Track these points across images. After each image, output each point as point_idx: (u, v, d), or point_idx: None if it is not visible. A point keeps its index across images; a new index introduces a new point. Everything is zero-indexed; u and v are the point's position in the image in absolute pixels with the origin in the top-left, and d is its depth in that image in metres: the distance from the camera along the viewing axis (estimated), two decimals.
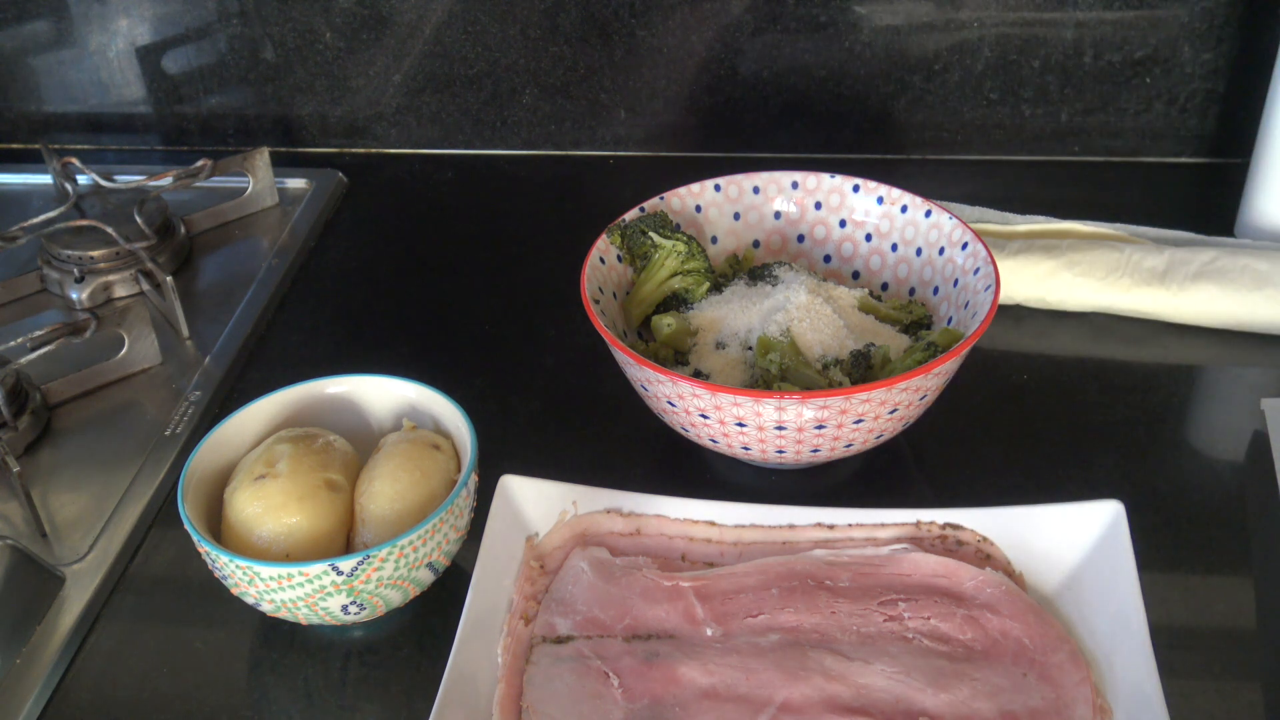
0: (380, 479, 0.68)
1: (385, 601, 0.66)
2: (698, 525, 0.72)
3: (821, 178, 0.87)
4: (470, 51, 1.13)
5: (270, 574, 0.62)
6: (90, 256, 0.99)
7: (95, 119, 1.22)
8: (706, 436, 0.73)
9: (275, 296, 0.99)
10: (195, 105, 1.20)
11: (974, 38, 1.06)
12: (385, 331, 0.96)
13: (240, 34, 1.15)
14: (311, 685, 0.68)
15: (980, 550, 0.69)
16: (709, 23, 1.09)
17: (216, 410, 0.87)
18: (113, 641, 0.71)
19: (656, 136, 1.16)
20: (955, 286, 0.80)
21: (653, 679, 0.63)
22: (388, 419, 0.75)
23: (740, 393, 0.67)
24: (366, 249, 1.07)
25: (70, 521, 0.78)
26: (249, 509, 0.66)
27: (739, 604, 0.66)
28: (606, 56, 1.12)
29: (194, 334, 0.95)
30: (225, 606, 0.71)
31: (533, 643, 0.66)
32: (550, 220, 1.09)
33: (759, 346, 0.75)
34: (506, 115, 1.16)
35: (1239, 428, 0.80)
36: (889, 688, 0.61)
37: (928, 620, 0.65)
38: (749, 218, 0.88)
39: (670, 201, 0.86)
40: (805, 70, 1.10)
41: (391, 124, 1.18)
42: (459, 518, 0.67)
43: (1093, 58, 1.06)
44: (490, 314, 0.97)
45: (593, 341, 0.76)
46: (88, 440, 0.85)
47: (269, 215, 1.10)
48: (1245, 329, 0.87)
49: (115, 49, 1.17)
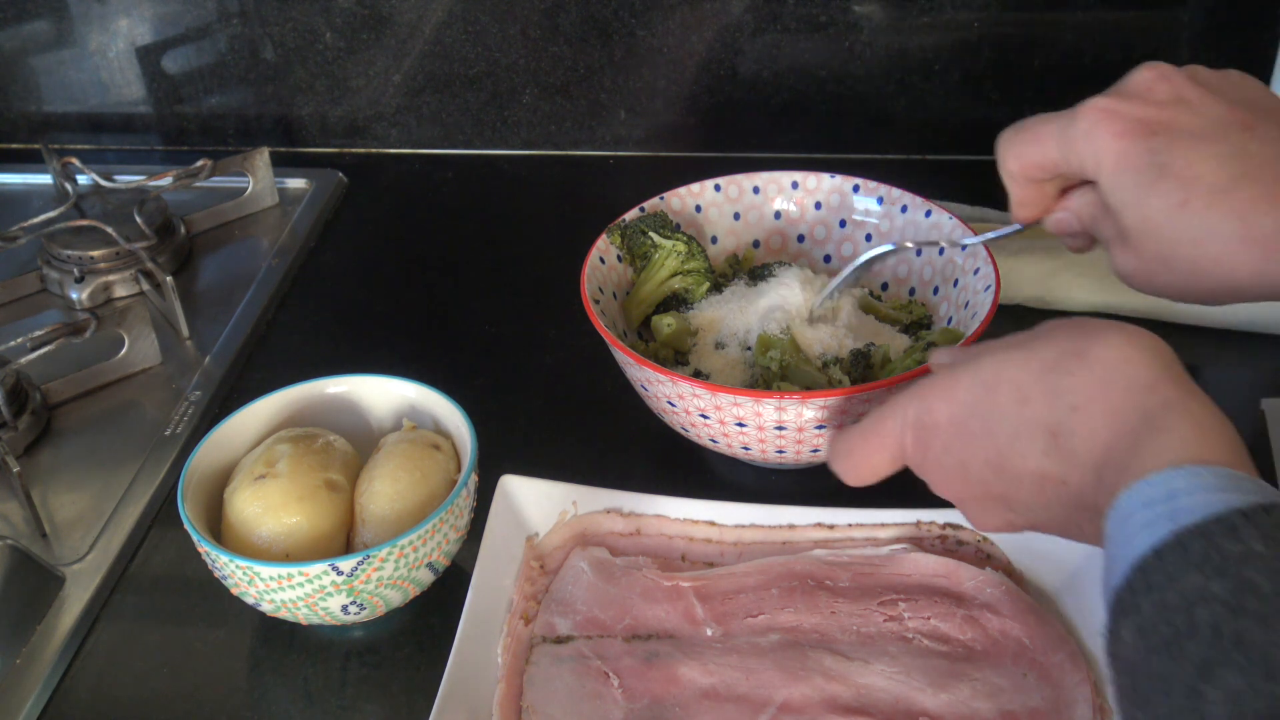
0: (380, 479, 0.68)
1: (385, 601, 0.66)
2: (698, 525, 0.72)
3: (821, 178, 0.87)
4: (470, 51, 1.13)
5: (270, 574, 0.62)
6: (90, 256, 0.99)
7: (95, 119, 1.22)
8: (706, 436, 0.73)
9: (275, 296, 0.99)
10: (195, 105, 1.20)
11: (974, 38, 1.06)
12: (385, 331, 0.96)
13: (240, 34, 1.15)
14: (311, 685, 0.68)
15: (980, 550, 0.69)
16: (709, 23, 1.09)
17: (216, 410, 0.87)
18: (113, 641, 0.71)
19: (656, 136, 1.16)
20: (955, 286, 0.80)
21: (653, 679, 0.63)
22: (388, 419, 0.75)
23: (740, 392, 0.67)
24: (366, 249, 1.07)
25: (70, 521, 0.78)
26: (249, 509, 0.66)
27: (739, 604, 0.66)
28: (606, 56, 1.12)
29: (194, 334, 0.95)
30: (225, 606, 0.71)
31: (533, 643, 0.66)
32: (550, 220, 1.09)
33: (759, 344, 0.75)
34: (506, 115, 1.16)
35: (1239, 428, 0.80)
36: (889, 688, 0.61)
37: (928, 620, 0.65)
38: (749, 217, 0.88)
39: (670, 201, 0.86)
40: (805, 70, 1.10)
41: (391, 124, 1.18)
42: (459, 518, 0.67)
43: (1093, 58, 1.06)
44: (490, 314, 0.97)
45: (593, 341, 0.76)
46: (88, 440, 0.85)
47: (269, 215, 1.10)
48: (1245, 329, 0.87)
49: (115, 49, 1.17)
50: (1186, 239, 0.54)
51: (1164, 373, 0.50)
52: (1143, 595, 0.42)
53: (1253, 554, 0.40)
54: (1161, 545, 0.42)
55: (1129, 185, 0.55)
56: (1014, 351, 0.54)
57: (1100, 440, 0.49)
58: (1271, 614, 0.39)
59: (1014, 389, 0.53)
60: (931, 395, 0.56)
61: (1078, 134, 0.57)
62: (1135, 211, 0.56)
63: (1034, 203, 0.62)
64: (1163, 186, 0.54)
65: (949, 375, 0.56)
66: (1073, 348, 0.52)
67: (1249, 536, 0.41)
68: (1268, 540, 0.41)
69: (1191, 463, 0.45)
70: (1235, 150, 0.54)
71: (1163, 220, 0.55)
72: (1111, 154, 0.56)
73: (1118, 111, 0.56)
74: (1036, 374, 0.52)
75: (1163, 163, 0.54)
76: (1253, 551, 0.41)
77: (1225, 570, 0.40)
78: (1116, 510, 0.46)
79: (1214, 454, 0.46)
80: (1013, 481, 0.53)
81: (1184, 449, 0.46)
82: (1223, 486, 0.43)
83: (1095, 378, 0.50)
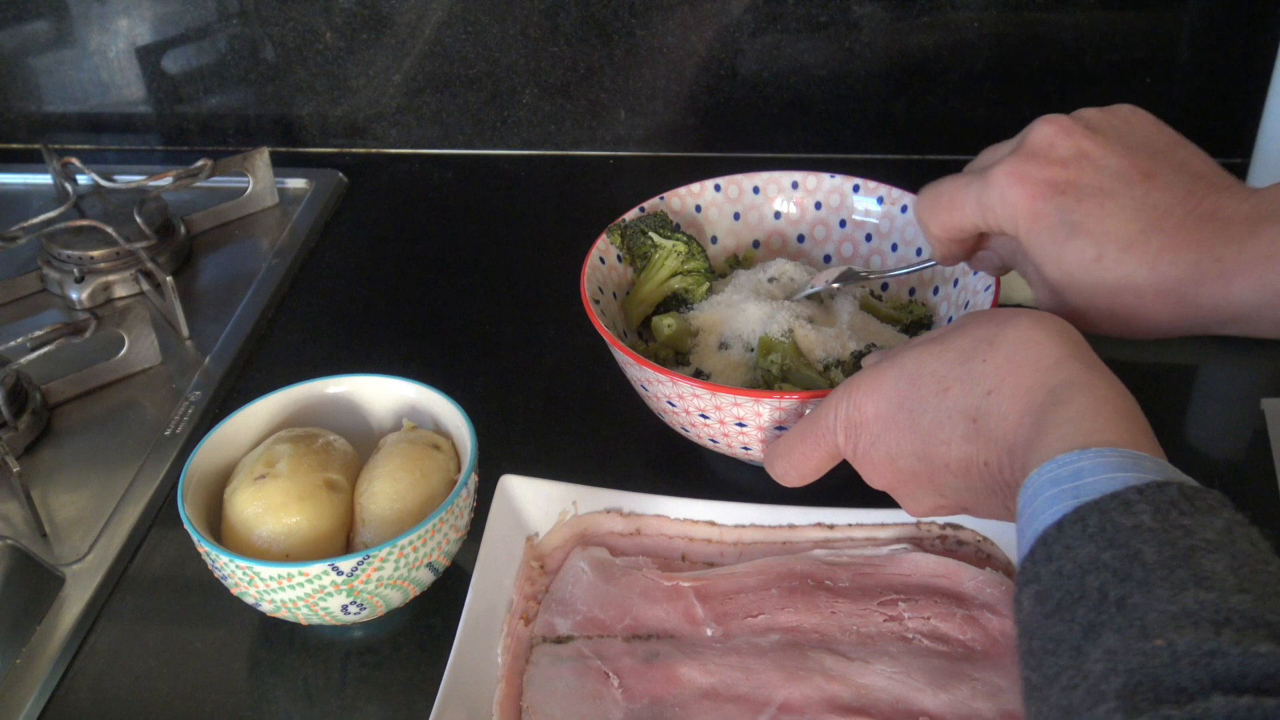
0: (380, 479, 0.68)
1: (385, 601, 0.66)
2: (698, 525, 0.72)
3: (822, 178, 0.87)
4: (470, 51, 1.13)
5: (270, 574, 0.62)
6: (90, 256, 0.99)
7: (95, 119, 1.22)
8: (706, 437, 0.73)
9: (275, 296, 0.99)
10: (195, 105, 1.20)
11: (974, 38, 1.06)
12: (385, 331, 0.96)
13: (240, 34, 1.15)
14: (311, 685, 0.68)
15: (980, 550, 0.69)
16: (709, 23, 1.09)
17: (216, 410, 0.87)
18: (113, 641, 0.71)
19: (656, 136, 1.16)
20: (955, 286, 0.80)
21: (653, 679, 0.63)
22: (388, 419, 0.75)
23: (740, 393, 0.67)
24: (366, 249, 1.07)
25: (70, 521, 0.78)
26: (249, 509, 0.66)
27: (739, 604, 0.66)
28: (606, 56, 1.12)
29: (194, 334, 0.95)
30: (225, 606, 0.71)
31: (533, 643, 0.66)
32: (550, 220, 1.09)
33: (760, 347, 0.75)
34: (506, 115, 1.16)
35: (1239, 428, 0.80)
36: (889, 688, 0.61)
37: (928, 620, 0.65)
38: (749, 218, 0.88)
39: (670, 201, 0.86)
40: (805, 70, 1.10)
41: (391, 124, 1.18)
42: (459, 518, 0.67)
43: (1093, 58, 1.06)
44: (490, 314, 0.97)
45: (593, 341, 0.76)
46: (88, 440, 0.85)
47: (269, 215, 1.10)
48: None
49: (115, 49, 1.17)
50: (1103, 290, 0.58)
51: (1069, 351, 0.53)
52: (1043, 564, 0.45)
53: (1142, 527, 0.43)
54: (1063, 519, 0.45)
55: (1045, 243, 0.59)
56: (933, 345, 0.58)
57: (1012, 420, 0.52)
58: (1154, 580, 0.41)
59: (934, 380, 0.56)
60: (858, 392, 0.60)
61: (993, 199, 0.60)
62: (1054, 267, 0.59)
63: (959, 254, 0.67)
64: (1076, 243, 0.58)
65: (875, 372, 0.60)
66: (985, 335, 0.55)
67: (1141, 511, 0.44)
68: (1158, 514, 0.43)
69: (1092, 435, 0.48)
70: (1139, 202, 0.57)
71: (1080, 274, 0.58)
72: (1025, 216, 0.59)
73: (1026, 175, 0.59)
74: (953, 364, 0.56)
75: (1074, 221, 0.58)
76: (1143, 525, 0.43)
77: (1116, 541, 0.43)
78: (1026, 488, 0.49)
79: (1112, 426, 0.49)
80: (939, 468, 0.56)
81: (1083, 421, 0.49)
82: (1125, 466, 0.46)
83: (1007, 361, 0.54)
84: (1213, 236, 0.56)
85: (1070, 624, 0.43)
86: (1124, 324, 0.59)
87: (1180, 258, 0.56)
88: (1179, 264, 0.56)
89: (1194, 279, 0.56)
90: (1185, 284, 0.56)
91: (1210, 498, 0.44)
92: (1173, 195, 0.57)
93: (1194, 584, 0.41)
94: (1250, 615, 0.39)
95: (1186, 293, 0.56)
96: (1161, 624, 0.40)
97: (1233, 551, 0.42)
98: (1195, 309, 0.57)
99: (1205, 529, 0.43)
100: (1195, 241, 0.56)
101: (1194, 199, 0.57)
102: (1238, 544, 0.43)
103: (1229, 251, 0.55)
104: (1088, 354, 0.53)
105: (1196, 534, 0.43)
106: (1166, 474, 0.46)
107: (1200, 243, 0.56)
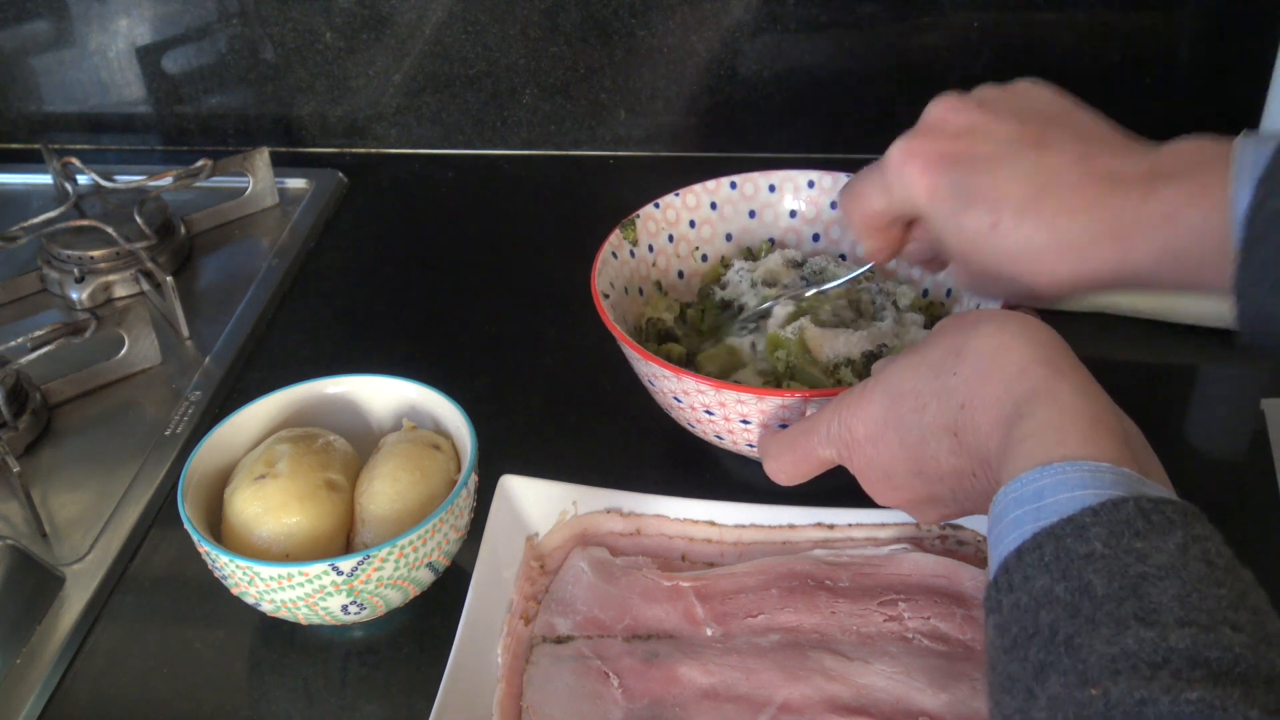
0: (380, 479, 0.68)
1: (385, 601, 0.66)
2: (698, 525, 0.72)
3: (838, 177, 0.87)
4: (470, 51, 1.13)
5: (270, 574, 0.62)
6: (90, 256, 0.99)
7: (95, 119, 1.22)
8: (712, 433, 0.73)
9: (275, 296, 0.99)
10: (195, 105, 1.20)
11: (974, 38, 1.06)
12: (385, 331, 0.96)
13: (240, 34, 1.15)
14: (311, 685, 0.68)
15: (980, 550, 0.69)
16: (709, 23, 1.09)
17: (216, 410, 0.87)
18: (113, 641, 0.71)
19: (656, 136, 1.16)
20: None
21: (653, 679, 0.63)
22: (388, 419, 0.75)
23: (745, 389, 0.67)
24: (366, 249, 1.07)
25: (70, 521, 0.78)
26: (249, 509, 0.66)
27: (739, 604, 0.66)
28: (606, 56, 1.12)
29: (194, 334, 0.95)
30: (225, 606, 0.71)
31: (533, 643, 0.66)
32: (550, 220, 1.09)
33: (768, 344, 0.76)
34: (506, 115, 1.16)
35: (1239, 428, 0.80)
36: (889, 688, 0.61)
37: (928, 620, 0.65)
38: (764, 216, 0.88)
39: (685, 198, 0.86)
40: (806, 70, 1.10)
41: (391, 124, 1.18)
42: (459, 518, 0.67)
43: (1093, 58, 1.06)
44: (490, 314, 0.97)
45: (593, 341, 0.76)
46: (88, 440, 0.85)
47: (269, 215, 1.10)
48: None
49: (115, 49, 1.17)
50: (1005, 255, 0.58)
51: (1033, 356, 0.52)
52: (1004, 594, 0.45)
53: (1095, 555, 0.42)
54: (1022, 546, 0.45)
55: (944, 214, 0.60)
56: (911, 358, 0.58)
57: (984, 432, 0.52)
58: (1100, 617, 0.41)
59: (913, 398, 0.56)
60: (846, 412, 0.60)
61: (892, 180, 0.61)
62: (955, 237, 0.60)
63: (885, 246, 0.67)
64: (973, 212, 0.58)
65: (861, 391, 0.60)
66: (953, 346, 0.55)
67: (1095, 536, 0.43)
68: (1111, 538, 0.43)
69: (1054, 449, 0.47)
70: (1031, 167, 0.58)
71: (980, 242, 0.59)
72: (922, 190, 0.60)
73: (920, 150, 0.60)
74: (928, 378, 0.55)
75: (969, 190, 0.58)
76: (1095, 552, 0.42)
77: (1069, 572, 0.43)
78: (995, 505, 0.48)
79: (1074, 437, 0.48)
80: (935, 481, 0.56)
81: (1046, 435, 0.48)
82: (1085, 483, 0.45)
83: (974, 372, 0.53)
84: (1109, 196, 0.56)
85: (1024, 663, 0.42)
86: (1029, 288, 0.59)
87: (1077, 219, 0.56)
88: (1076, 225, 0.56)
89: (1092, 238, 0.56)
90: (1084, 244, 0.56)
91: (1170, 510, 0.44)
92: (1066, 158, 0.57)
93: (1136, 620, 0.40)
94: (1189, 654, 0.39)
95: (1086, 252, 0.56)
96: (1100, 668, 0.39)
97: (1183, 576, 0.41)
98: (1097, 270, 0.56)
99: (1158, 551, 0.42)
100: (1091, 202, 0.56)
101: (1088, 161, 0.57)
102: (1190, 565, 0.42)
103: (1126, 211, 0.55)
104: (1056, 355, 0.52)
105: (1149, 558, 0.42)
106: (1127, 486, 0.45)
107: (1096, 203, 0.56)
